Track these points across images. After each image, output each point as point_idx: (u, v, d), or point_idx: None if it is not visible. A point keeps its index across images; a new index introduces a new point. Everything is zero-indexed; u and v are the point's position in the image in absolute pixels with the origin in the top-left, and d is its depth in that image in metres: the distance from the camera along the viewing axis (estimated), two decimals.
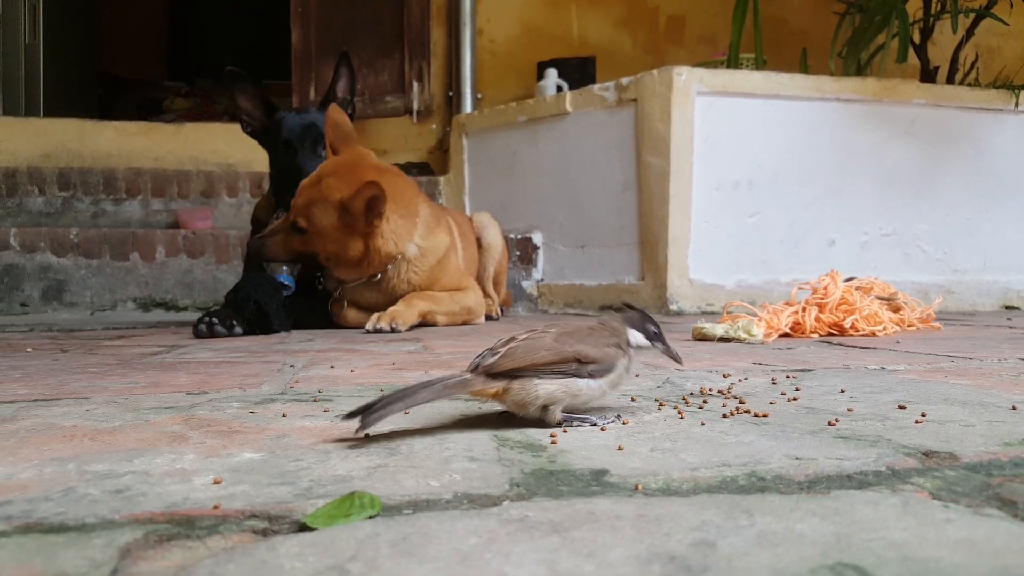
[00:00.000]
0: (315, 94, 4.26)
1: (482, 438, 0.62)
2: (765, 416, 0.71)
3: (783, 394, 0.85)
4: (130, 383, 1.01)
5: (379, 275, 2.12)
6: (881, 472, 0.50)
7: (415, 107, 4.08)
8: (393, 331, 1.95)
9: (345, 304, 2.16)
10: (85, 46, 5.73)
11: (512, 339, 0.69)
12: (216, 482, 0.50)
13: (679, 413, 0.73)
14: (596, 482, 0.48)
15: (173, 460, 0.56)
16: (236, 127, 2.49)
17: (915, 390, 0.87)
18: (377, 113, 4.20)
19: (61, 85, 4.98)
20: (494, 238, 2.74)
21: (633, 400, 0.82)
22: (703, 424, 0.68)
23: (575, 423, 0.67)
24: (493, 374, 0.65)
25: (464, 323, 2.27)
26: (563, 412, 0.67)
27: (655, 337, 0.75)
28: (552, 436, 0.63)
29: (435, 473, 0.51)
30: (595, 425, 0.67)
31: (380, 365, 1.19)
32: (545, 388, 0.65)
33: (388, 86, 4.22)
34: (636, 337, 0.74)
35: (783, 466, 0.52)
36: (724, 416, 0.71)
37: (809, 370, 1.07)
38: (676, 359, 0.76)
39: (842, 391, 0.86)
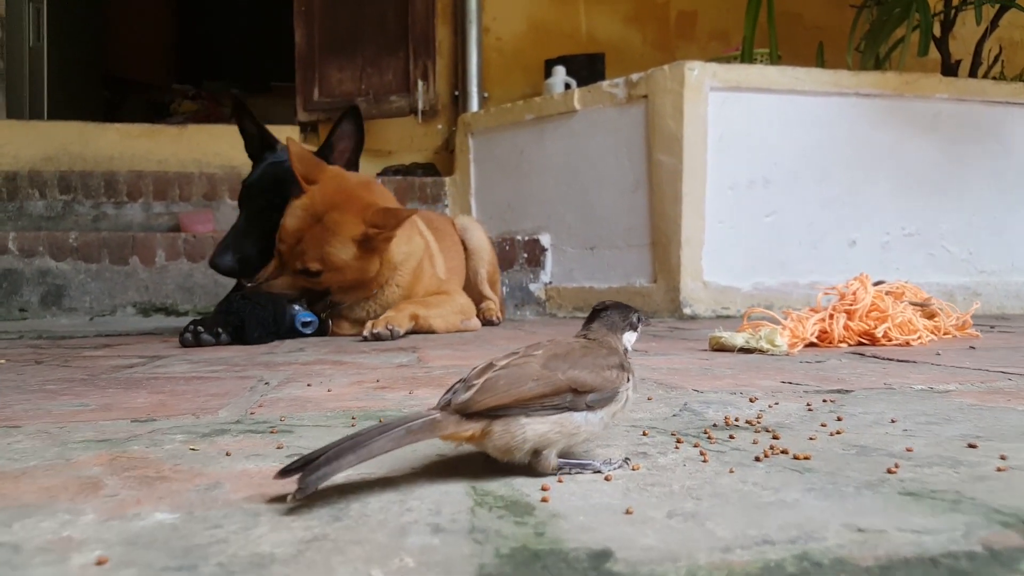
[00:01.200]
0: (319, 94, 4.17)
1: (456, 492, 0.50)
2: (807, 459, 0.58)
3: (823, 426, 0.72)
4: (80, 405, 0.90)
5: (376, 292, 2.09)
6: (976, 554, 0.38)
7: (420, 106, 3.97)
8: (392, 335, 1.87)
9: (332, 321, 2.11)
10: (91, 49, 5.68)
11: (490, 366, 0.56)
12: (99, 563, 0.38)
13: (702, 454, 0.60)
14: (596, 572, 0.36)
15: (64, 524, 0.45)
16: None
17: (980, 420, 0.74)
18: (382, 113, 4.10)
19: (66, 88, 4.92)
20: (480, 240, 2.64)
21: (645, 435, 0.69)
22: (732, 471, 0.55)
23: (574, 470, 0.55)
24: (469, 414, 0.53)
25: (462, 326, 2.19)
26: (558, 455, 0.55)
27: (640, 322, 0.66)
28: (544, 489, 0.50)
29: (383, 554, 0.39)
30: (598, 472, 0.55)
31: (363, 382, 1.07)
32: (535, 429, 0.53)
33: (393, 85, 4.12)
34: (629, 339, 0.64)
35: (843, 543, 0.40)
36: (757, 459, 0.59)
37: (847, 391, 0.94)
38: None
39: (892, 421, 0.73)
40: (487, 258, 2.63)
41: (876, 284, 1.61)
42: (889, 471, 0.54)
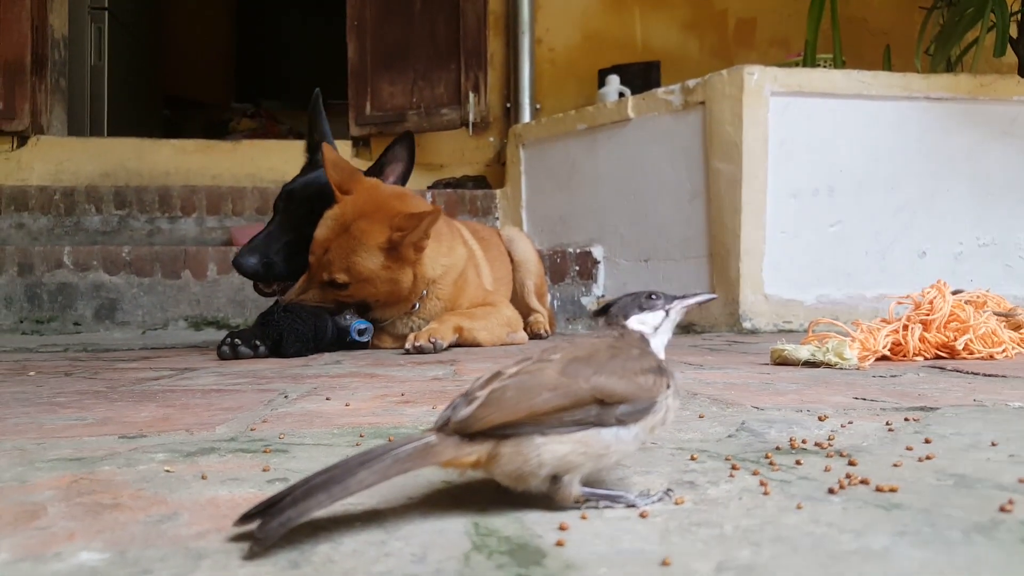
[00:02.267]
0: (371, 109, 4.14)
1: (452, 531, 0.41)
2: (893, 491, 0.47)
3: (909, 449, 0.60)
4: (78, 419, 0.83)
5: (416, 304, 2.00)
6: None
7: (471, 119, 3.91)
8: (435, 348, 1.79)
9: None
10: (150, 68, 5.79)
11: (498, 374, 0.46)
12: None
13: (762, 484, 0.49)
14: None
15: None
16: (293, 144, 2.35)
17: None
18: (433, 126, 4.05)
19: (126, 107, 5.01)
20: (526, 251, 2.55)
21: (693, 459, 0.58)
22: (800, 507, 0.44)
23: (602, 503, 0.45)
24: (471, 434, 0.43)
25: (508, 339, 2.10)
26: (582, 482, 0.44)
27: (665, 304, 0.53)
28: (562, 529, 0.41)
29: None
30: (632, 506, 0.45)
31: (386, 396, 0.98)
32: (553, 450, 0.43)
33: (444, 98, 4.07)
34: (645, 320, 0.52)
35: None
36: (831, 491, 0.47)
37: (932, 408, 0.81)
38: (703, 299, 0.55)
39: (993, 444, 0.61)
40: (534, 270, 2.54)
41: (955, 293, 1.47)
42: (1003, 509, 0.43)
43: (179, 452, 0.63)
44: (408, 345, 1.81)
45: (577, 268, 3.16)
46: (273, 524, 0.37)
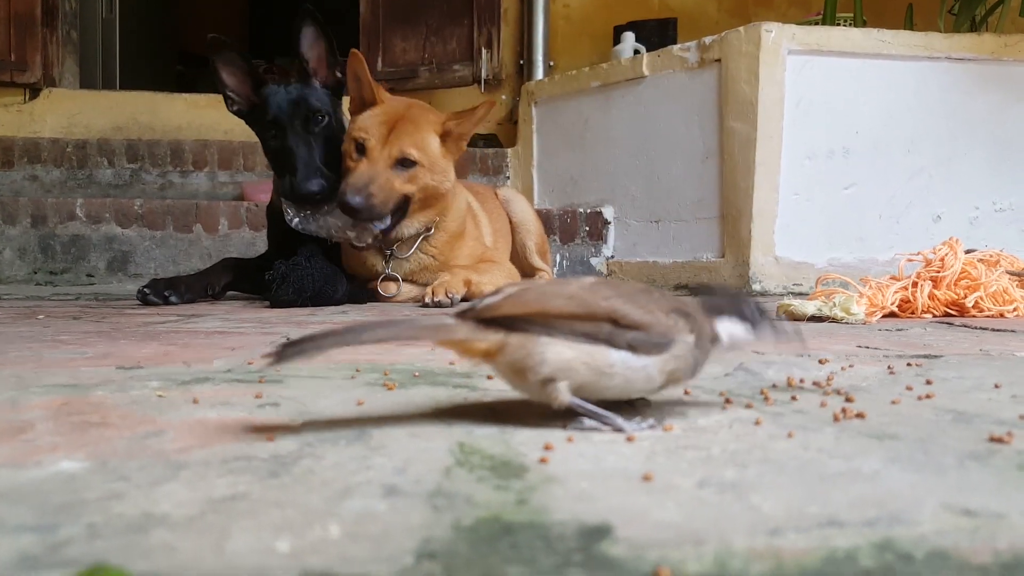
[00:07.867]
0: (382, 64, 4.11)
1: (437, 449, 0.40)
2: (889, 424, 0.46)
3: (909, 389, 0.59)
4: (79, 353, 0.83)
5: (432, 229, 1.99)
6: None
7: (483, 75, 3.87)
8: (452, 302, 1.79)
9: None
10: (164, 23, 5.76)
11: (529, 286, 0.47)
12: None
13: (755, 416, 0.49)
14: (583, 554, 0.26)
15: None
16: None
17: None
18: (444, 83, 4.01)
19: (139, 61, 4.99)
20: (525, 211, 2.53)
21: (687, 393, 0.57)
22: (791, 435, 0.43)
23: (588, 423, 0.44)
24: (486, 319, 0.44)
25: None
26: (578, 397, 0.44)
27: (757, 320, 0.49)
28: (546, 449, 0.40)
29: (305, 520, 0.29)
30: (620, 430, 0.44)
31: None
32: (557, 351, 0.43)
33: (456, 54, 4.03)
34: (730, 329, 0.49)
35: (944, 529, 0.28)
36: (825, 423, 0.47)
37: (936, 356, 0.80)
38: (795, 339, 0.51)
39: (996, 386, 0.60)
40: (534, 229, 2.52)
41: (967, 252, 1.45)
42: (1000, 439, 0.42)
43: (174, 381, 0.63)
44: (427, 299, 1.80)
45: (587, 228, 3.14)
46: (290, 350, 0.42)
